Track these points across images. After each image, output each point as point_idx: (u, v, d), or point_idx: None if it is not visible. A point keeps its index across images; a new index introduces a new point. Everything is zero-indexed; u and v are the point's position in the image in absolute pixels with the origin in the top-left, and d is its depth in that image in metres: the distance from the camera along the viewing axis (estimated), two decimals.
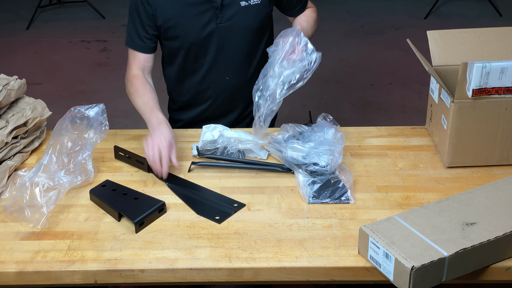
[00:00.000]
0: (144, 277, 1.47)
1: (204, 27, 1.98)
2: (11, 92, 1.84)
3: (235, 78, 2.08)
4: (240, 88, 2.10)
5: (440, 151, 1.86)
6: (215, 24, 1.97)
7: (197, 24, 1.97)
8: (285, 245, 1.51)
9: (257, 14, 1.99)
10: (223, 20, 1.97)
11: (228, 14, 1.97)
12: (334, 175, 1.72)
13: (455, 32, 1.94)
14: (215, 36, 1.99)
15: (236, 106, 2.16)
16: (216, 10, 1.95)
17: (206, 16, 1.96)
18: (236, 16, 1.97)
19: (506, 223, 1.44)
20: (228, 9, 1.96)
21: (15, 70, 2.47)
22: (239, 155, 1.85)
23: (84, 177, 1.71)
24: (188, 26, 1.98)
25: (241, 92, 2.11)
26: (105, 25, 5.29)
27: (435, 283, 1.37)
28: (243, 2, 1.96)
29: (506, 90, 1.71)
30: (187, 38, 2.00)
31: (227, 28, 1.98)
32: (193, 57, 2.05)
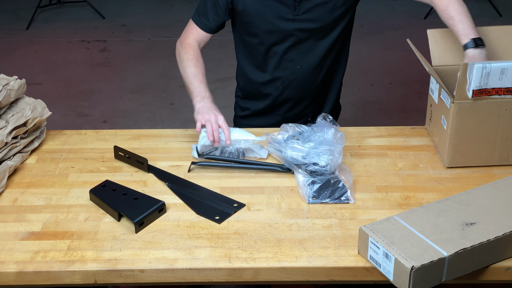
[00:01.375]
0: (144, 277, 1.47)
1: (281, 18, 1.99)
2: (11, 92, 1.84)
3: (308, 70, 2.10)
4: (311, 79, 2.12)
5: (440, 151, 1.86)
6: (292, 16, 1.99)
7: (274, 14, 1.99)
8: (285, 245, 1.51)
9: (335, 9, 2.00)
10: (300, 12, 1.99)
11: (305, 7, 1.98)
12: (334, 175, 1.72)
13: None
14: (291, 28, 2.01)
15: (303, 99, 2.17)
16: (294, 2, 1.97)
17: (285, 8, 1.98)
18: (313, 11, 1.99)
19: (506, 223, 1.44)
20: (306, 3, 1.98)
21: (15, 70, 2.48)
22: (238, 154, 1.85)
23: None
24: (264, 15, 2.00)
25: (309, 85, 2.13)
26: (105, 25, 5.30)
27: (435, 283, 1.37)
28: None
29: (506, 91, 1.71)
30: (263, 26, 2.02)
31: (304, 22, 2.00)
32: (268, 46, 2.07)
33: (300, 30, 2.02)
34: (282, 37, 2.04)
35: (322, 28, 2.03)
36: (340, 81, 2.23)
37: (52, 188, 1.75)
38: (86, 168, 1.85)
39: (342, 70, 2.21)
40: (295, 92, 2.15)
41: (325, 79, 2.16)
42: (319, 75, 2.12)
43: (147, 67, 4.51)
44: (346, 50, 2.18)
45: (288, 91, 2.15)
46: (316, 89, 2.16)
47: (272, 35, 2.04)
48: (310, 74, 2.11)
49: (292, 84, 2.13)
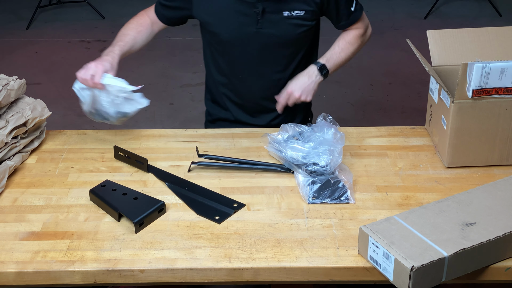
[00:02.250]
0: (143, 277, 1.47)
1: (243, 29, 1.99)
2: (11, 92, 1.84)
3: (269, 82, 2.10)
4: (273, 91, 2.11)
5: (440, 151, 1.86)
6: (255, 28, 1.98)
7: (236, 24, 1.99)
8: (285, 245, 1.51)
9: (298, 25, 1.99)
10: (263, 26, 1.98)
11: (269, 21, 1.97)
12: (334, 175, 1.72)
13: (455, 32, 1.94)
14: (254, 40, 2.00)
15: (270, 107, 2.16)
16: (257, 16, 1.96)
17: (248, 19, 1.97)
18: (277, 25, 1.98)
19: (506, 223, 1.44)
20: (270, 16, 1.97)
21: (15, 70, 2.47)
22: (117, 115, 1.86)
23: None
24: (225, 25, 2.00)
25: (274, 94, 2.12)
26: (105, 25, 5.30)
27: (434, 283, 1.37)
28: (285, 12, 1.97)
29: (506, 91, 1.71)
30: (224, 36, 2.02)
31: (267, 35, 1.99)
32: (230, 55, 2.07)
33: (264, 43, 2.01)
34: (246, 49, 2.03)
35: (286, 42, 2.02)
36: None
37: (52, 188, 1.75)
38: (86, 168, 1.85)
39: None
40: (257, 103, 2.15)
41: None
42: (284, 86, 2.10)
43: (147, 67, 4.50)
44: (313, 59, 2.17)
45: (252, 100, 2.14)
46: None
47: (236, 47, 2.03)
48: (276, 86, 2.10)
49: (257, 96, 2.13)
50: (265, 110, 2.17)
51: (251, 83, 2.11)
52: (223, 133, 2.03)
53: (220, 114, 2.24)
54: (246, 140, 1.98)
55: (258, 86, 2.11)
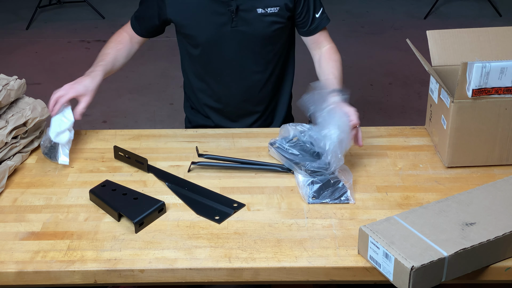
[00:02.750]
0: (143, 277, 1.47)
1: (218, 29, 1.98)
2: (11, 92, 1.84)
3: (249, 83, 2.10)
4: (253, 93, 2.12)
5: (440, 151, 1.86)
6: (230, 27, 1.98)
7: (211, 25, 1.98)
8: (285, 245, 1.51)
9: (273, 22, 1.99)
10: (238, 24, 1.97)
11: (243, 19, 1.97)
12: (334, 175, 1.72)
13: (454, 32, 1.94)
14: (229, 39, 2.00)
15: (249, 112, 2.16)
16: (231, 14, 1.96)
17: (222, 18, 1.97)
18: (251, 22, 1.98)
19: (506, 223, 1.44)
20: (244, 14, 1.96)
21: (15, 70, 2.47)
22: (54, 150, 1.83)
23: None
24: (200, 26, 1.99)
25: (254, 97, 2.12)
26: (105, 25, 5.30)
27: (434, 283, 1.37)
28: (259, 9, 1.96)
29: (506, 90, 1.71)
30: (200, 38, 2.01)
31: (242, 33, 1.99)
32: (208, 58, 2.06)
33: (239, 41, 2.00)
34: (222, 49, 2.02)
35: (262, 40, 2.02)
36: (289, 92, 2.22)
37: (52, 188, 1.75)
38: (86, 168, 1.85)
39: (289, 81, 2.20)
40: (238, 106, 2.14)
41: (271, 92, 2.15)
42: (263, 87, 2.11)
43: (147, 67, 4.50)
44: (291, 61, 2.17)
45: (233, 103, 2.14)
46: (261, 103, 2.15)
47: (213, 47, 2.02)
48: (253, 87, 2.10)
49: (236, 97, 2.12)
50: (246, 113, 2.16)
51: (230, 86, 2.10)
52: (223, 133, 2.03)
53: (200, 121, 2.24)
54: (246, 140, 1.98)
55: (238, 89, 2.10)
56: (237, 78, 2.08)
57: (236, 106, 2.14)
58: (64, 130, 1.82)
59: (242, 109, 2.16)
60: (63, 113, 1.85)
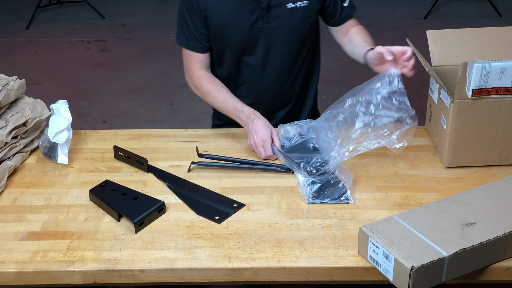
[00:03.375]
0: (143, 277, 1.47)
1: (251, 27, 1.99)
2: (11, 92, 1.84)
3: (280, 78, 2.10)
4: (283, 87, 2.12)
5: (440, 151, 1.86)
6: (261, 24, 1.98)
7: (244, 23, 1.98)
8: (285, 245, 1.51)
9: (303, 17, 2.00)
10: (269, 20, 1.98)
11: (274, 14, 1.98)
12: (333, 175, 1.72)
13: (454, 32, 1.94)
14: (261, 36, 2.01)
15: (279, 107, 2.16)
16: (262, 11, 1.96)
17: (253, 16, 1.97)
18: (282, 18, 1.98)
19: (506, 223, 1.44)
20: (274, 10, 1.97)
21: (14, 70, 2.47)
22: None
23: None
24: (235, 24, 1.99)
25: (284, 92, 2.13)
26: (105, 25, 5.29)
27: (434, 283, 1.37)
28: (289, 4, 1.97)
29: (505, 90, 1.71)
30: (234, 37, 2.01)
31: (273, 29, 1.99)
32: (240, 56, 2.06)
33: (270, 37, 2.01)
34: (253, 47, 2.03)
35: (291, 35, 2.02)
36: (315, 87, 2.23)
37: (51, 188, 1.75)
38: (85, 168, 1.85)
39: (316, 77, 2.21)
40: (272, 101, 2.14)
41: (300, 87, 2.16)
42: (293, 83, 2.12)
43: (147, 67, 4.50)
44: (318, 56, 2.18)
45: (262, 101, 2.13)
46: (291, 98, 2.16)
47: (244, 44, 2.02)
48: (285, 80, 2.11)
49: (267, 93, 2.12)
50: (275, 110, 2.17)
51: (261, 82, 2.11)
52: (223, 133, 2.03)
53: (229, 119, 2.23)
54: (246, 140, 1.97)
55: (268, 85, 2.11)
56: (267, 74, 2.09)
57: (266, 102, 2.14)
58: (63, 130, 1.82)
59: (272, 105, 2.16)
60: (60, 113, 1.85)
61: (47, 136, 1.82)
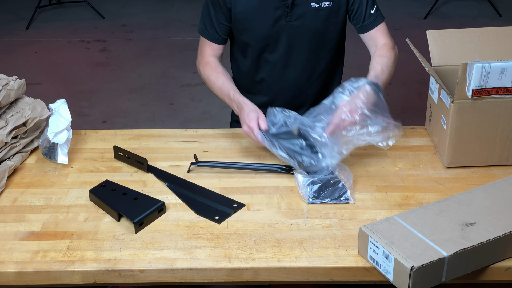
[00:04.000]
0: (143, 277, 1.47)
1: (274, 23, 1.99)
2: (11, 92, 1.84)
3: (299, 78, 2.10)
4: (302, 88, 2.12)
5: (440, 151, 1.86)
6: (285, 21, 1.98)
7: (267, 19, 1.99)
8: (285, 245, 1.51)
9: (327, 17, 1.99)
10: (292, 18, 1.98)
11: (298, 13, 1.98)
12: (333, 175, 1.72)
13: (454, 32, 1.94)
14: (284, 33, 2.01)
15: (297, 105, 2.15)
16: (286, 8, 1.96)
17: (277, 13, 1.98)
18: (305, 17, 1.98)
19: (506, 223, 1.44)
20: (298, 9, 1.97)
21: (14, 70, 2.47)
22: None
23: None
24: (258, 20, 1.99)
25: (303, 93, 2.12)
26: (105, 25, 5.29)
27: (434, 283, 1.37)
28: (314, 4, 1.97)
29: (505, 90, 1.71)
30: (256, 32, 2.02)
31: (296, 28, 1.99)
32: (261, 52, 2.06)
33: (293, 36, 2.01)
34: (274, 43, 2.03)
35: (314, 35, 2.02)
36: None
37: (51, 188, 1.75)
38: (85, 168, 1.84)
39: (338, 80, 2.20)
40: (290, 100, 2.13)
41: (320, 89, 2.15)
42: (313, 84, 2.12)
43: (147, 67, 4.50)
44: (341, 59, 2.17)
45: (282, 98, 2.13)
46: (308, 101, 2.15)
47: (266, 40, 2.03)
48: (304, 81, 2.11)
49: (285, 92, 2.12)
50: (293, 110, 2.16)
51: (280, 81, 2.10)
52: (223, 133, 2.03)
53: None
54: (246, 140, 1.98)
55: (288, 84, 2.11)
56: (288, 73, 2.08)
57: (284, 101, 2.13)
58: (62, 130, 1.82)
59: (290, 105, 2.14)
60: (60, 113, 1.85)
61: (46, 136, 1.82)
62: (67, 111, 1.86)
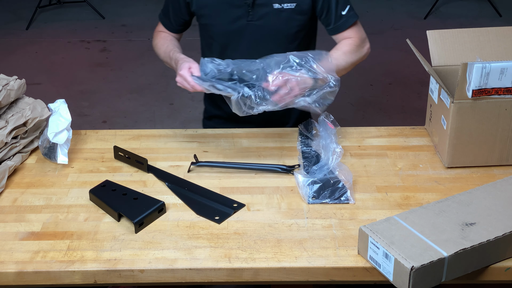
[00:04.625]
0: (143, 277, 1.47)
1: (235, 21, 1.99)
2: (11, 92, 1.84)
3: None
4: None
5: (440, 151, 1.86)
6: (246, 21, 1.98)
7: (227, 17, 1.99)
8: (285, 245, 1.51)
9: (289, 19, 1.98)
10: (254, 18, 1.98)
11: (260, 13, 1.97)
12: (333, 175, 1.72)
13: (454, 32, 1.94)
14: (246, 33, 2.00)
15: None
16: (248, 7, 1.96)
17: (238, 11, 1.98)
18: (267, 17, 1.97)
19: (506, 223, 1.44)
20: (260, 9, 1.97)
21: (14, 70, 2.47)
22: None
23: None
24: (218, 17, 2.00)
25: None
26: (105, 25, 5.30)
27: (434, 283, 1.37)
28: (276, 4, 1.96)
29: (506, 91, 1.71)
30: (216, 28, 2.02)
31: (258, 27, 1.99)
32: (224, 50, 2.06)
33: (255, 36, 2.00)
34: (237, 41, 2.02)
35: (277, 36, 2.01)
36: None
37: (51, 188, 1.75)
38: (85, 168, 1.85)
39: None
40: None
41: None
42: None
43: (147, 67, 4.51)
44: None
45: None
46: None
47: (228, 39, 2.02)
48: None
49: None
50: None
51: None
52: (223, 133, 2.03)
53: (214, 111, 2.24)
54: (246, 140, 1.98)
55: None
56: None
57: None
58: (62, 130, 1.82)
59: None
60: (60, 113, 1.85)
61: (46, 136, 1.82)
62: (67, 111, 1.86)
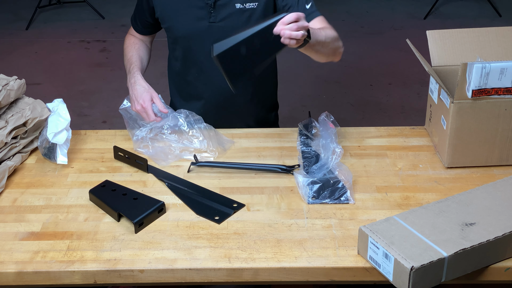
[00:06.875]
0: (143, 278, 1.47)
1: (196, 23, 1.97)
2: (11, 92, 1.84)
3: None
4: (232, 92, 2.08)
5: (440, 151, 1.86)
6: (208, 22, 1.96)
7: (188, 19, 1.97)
8: (285, 246, 1.51)
9: (251, 19, 1.96)
10: (216, 19, 1.96)
11: (222, 14, 1.95)
12: (333, 175, 1.72)
13: (454, 32, 1.94)
14: (208, 34, 1.98)
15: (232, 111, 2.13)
16: (210, 8, 1.94)
17: (200, 13, 1.96)
18: (230, 18, 1.95)
19: (506, 224, 1.44)
20: (222, 9, 1.95)
21: (14, 70, 2.48)
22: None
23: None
24: (179, 18, 1.98)
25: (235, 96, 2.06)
26: (105, 26, 5.29)
27: (434, 284, 1.37)
28: (238, 5, 1.94)
29: (505, 91, 1.71)
30: (178, 31, 2.02)
31: (221, 29, 1.96)
32: (187, 52, 2.05)
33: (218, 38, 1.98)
34: (199, 44, 2.00)
35: None
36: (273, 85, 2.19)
37: (51, 188, 1.75)
38: (85, 168, 1.85)
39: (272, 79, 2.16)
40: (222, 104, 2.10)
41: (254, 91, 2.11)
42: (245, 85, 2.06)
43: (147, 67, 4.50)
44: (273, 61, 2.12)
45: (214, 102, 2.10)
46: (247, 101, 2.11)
47: (190, 41, 2.01)
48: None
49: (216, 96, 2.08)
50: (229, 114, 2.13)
51: (211, 82, 2.07)
52: (223, 133, 2.02)
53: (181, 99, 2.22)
54: (245, 140, 1.98)
55: (218, 86, 2.05)
56: (216, 75, 2.05)
57: (217, 105, 2.11)
58: (61, 130, 1.82)
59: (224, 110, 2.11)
60: (59, 113, 1.85)
61: (46, 136, 1.82)
62: (66, 111, 1.86)
